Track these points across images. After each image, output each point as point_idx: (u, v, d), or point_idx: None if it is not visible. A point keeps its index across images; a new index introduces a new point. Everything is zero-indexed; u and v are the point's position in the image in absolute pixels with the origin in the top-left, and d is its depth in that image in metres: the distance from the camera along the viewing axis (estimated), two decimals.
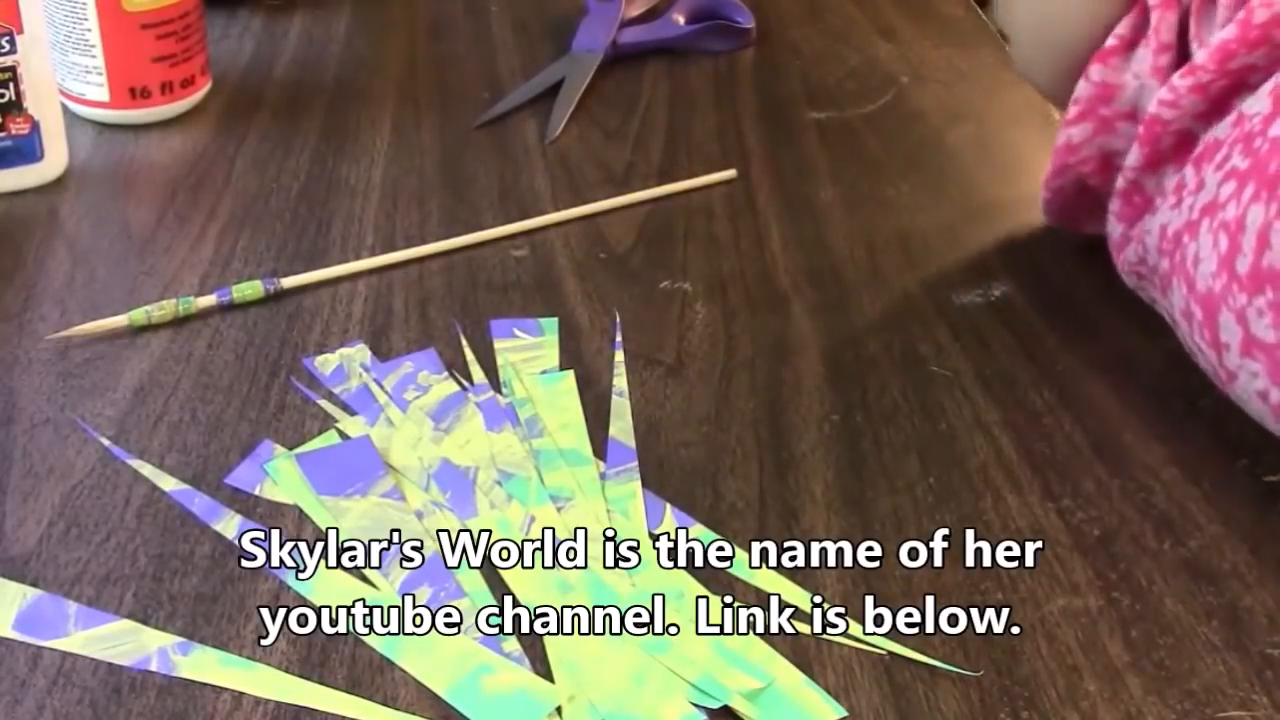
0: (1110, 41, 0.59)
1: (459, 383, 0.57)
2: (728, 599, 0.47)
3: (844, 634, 0.46)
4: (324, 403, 0.56)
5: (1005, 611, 0.47)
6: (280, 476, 0.52)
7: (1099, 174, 0.61)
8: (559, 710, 0.43)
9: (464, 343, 0.59)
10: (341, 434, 0.54)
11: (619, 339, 0.60)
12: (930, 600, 0.47)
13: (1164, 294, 0.55)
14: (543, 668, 0.45)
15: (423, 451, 0.53)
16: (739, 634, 0.46)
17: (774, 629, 0.46)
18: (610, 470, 0.53)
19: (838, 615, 0.47)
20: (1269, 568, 0.49)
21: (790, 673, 0.45)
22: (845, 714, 0.43)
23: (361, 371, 0.57)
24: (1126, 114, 0.59)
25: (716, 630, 0.46)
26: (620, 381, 0.57)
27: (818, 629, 0.46)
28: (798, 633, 0.46)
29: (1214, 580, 0.49)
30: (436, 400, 0.56)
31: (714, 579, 0.48)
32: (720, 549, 0.49)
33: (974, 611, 0.47)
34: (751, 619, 0.46)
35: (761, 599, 0.47)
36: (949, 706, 0.44)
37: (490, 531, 0.50)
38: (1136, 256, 0.58)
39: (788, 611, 0.47)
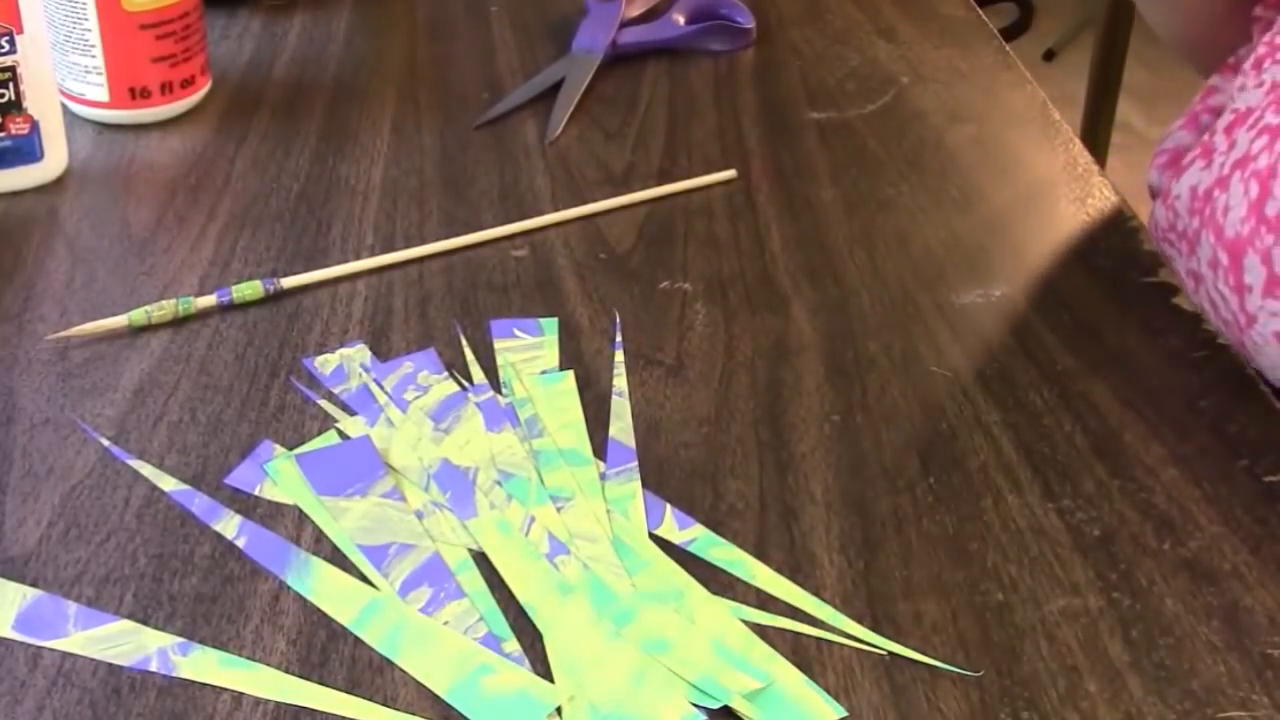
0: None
1: (459, 383, 0.57)
2: (728, 599, 0.47)
3: (844, 634, 0.46)
4: (324, 403, 0.56)
5: (1005, 612, 0.47)
6: (280, 477, 0.52)
7: None
8: (559, 710, 0.43)
9: (464, 343, 0.59)
10: (341, 434, 0.54)
11: (619, 339, 0.60)
12: (930, 600, 0.47)
13: (1190, 253, 0.56)
14: (542, 668, 0.45)
15: (423, 452, 0.53)
16: (739, 634, 0.46)
17: (774, 629, 0.46)
18: (610, 470, 0.53)
19: (838, 615, 0.47)
20: (1269, 568, 0.49)
21: (790, 673, 0.45)
22: (845, 714, 0.43)
23: (361, 372, 0.57)
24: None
25: (716, 630, 0.46)
26: (620, 381, 0.57)
27: (818, 629, 0.46)
28: (798, 633, 0.46)
29: (1214, 580, 0.49)
30: (436, 400, 0.56)
31: (714, 579, 0.48)
32: (721, 549, 0.49)
33: (974, 611, 0.47)
34: (751, 619, 0.46)
35: (762, 599, 0.47)
36: (949, 706, 0.44)
37: (490, 532, 0.50)
38: (1168, 222, 0.59)
39: (788, 612, 0.47)
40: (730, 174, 0.73)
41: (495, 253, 0.66)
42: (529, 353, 0.59)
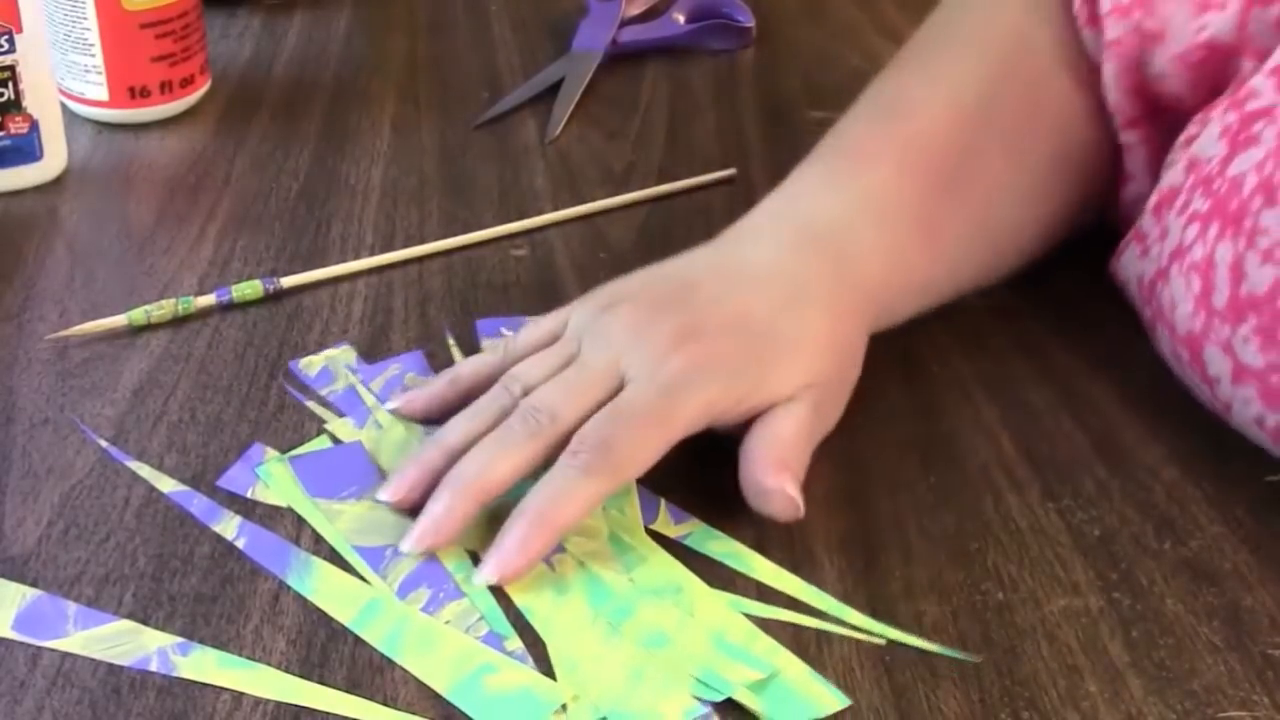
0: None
1: None
2: (727, 593, 0.47)
3: (843, 623, 0.46)
4: (312, 404, 0.55)
5: (1005, 611, 0.47)
6: (273, 480, 0.52)
7: None
8: (563, 708, 0.43)
9: (451, 343, 0.59)
10: (331, 436, 0.54)
11: None
12: (930, 600, 0.47)
13: (1153, 336, 0.56)
14: (546, 666, 0.45)
15: (412, 454, 0.53)
16: (740, 627, 0.46)
17: (774, 621, 0.46)
18: None
19: (837, 604, 0.47)
20: (1269, 568, 0.49)
21: (793, 663, 0.45)
22: (850, 703, 0.43)
23: (348, 373, 0.57)
24: None
25: (717, 624, 0.46)
26: None
27: (817, 620, 0.46)
28: (798, 626, 0.46)
29: (1214, 580, 0.49)
30: None
31: (713, 573, 0.48)
32: (718, 542, 0.49)
33: (974, 611, 0.47)
34: (751, 612, 0.46)
35: (761, 591, 0.47)
36: (949, 706, 0.43)
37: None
38: (1129, 298, 0.58)
39: (787, 603, 0.47)
40: (730, 173, 0.73)
41: (495, 252, 0.66)
42: None
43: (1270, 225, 0.49)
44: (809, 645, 0.45)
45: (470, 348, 0.59)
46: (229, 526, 0.49)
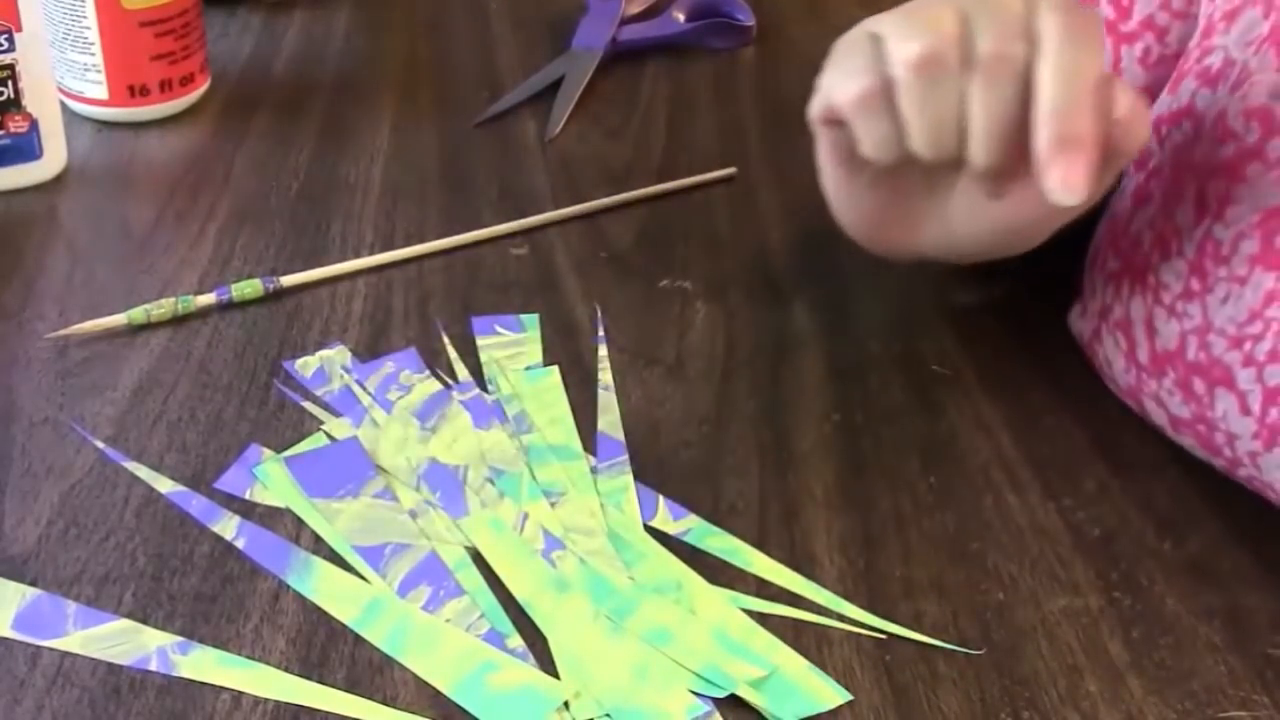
0: None
1: (441, 381, 0.57)
2: (727, 589, 0.47)
3: (842, 617, 0.46)
4: (308, 405, 0.55)
5: (1005, 611, 0.47)
6: (270, 480, 0.52)
7: None
8: (566, 705, 0.43)
9: (446, 340, 0.59)
10: (329, 436, 0.54)
11: (601, 333, 0.60)
12: (930, 600, 0.47)
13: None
14: (547, 663, 0.45)
15: (410, 452, 0.53)
16: (740, 623, 0.46)
17: (774, 617, 0.46)
18: (601, 464, 0.53)
19: (836, 599, 0.47)
20: (1269, 568, 0.49)
21: (794, 659, 0.45)
22: (850, 698, 0.43)
23: (343, 373, 0.57)
24: None
25: (717, 620, 0.46)
26: (605, 375, 0.57)
27: (817, 615, 0.46)
28: (798, 620, 0.46)
29: (1214, 580, 0.49)
30: (420, 399, 0.55)
31: (712, 570, 0.48)
32: (717, 538, 0.49)
33: (974, 611, 0.47)
34: (751, 608, 0.46)
35: (760, 586, 0.47)
36: (949, 706, 0.44)
37: (483, 530, 0.50)
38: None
39: (786, 598, 0.47)
40: (730, 172, 0.73)
41: (495, 251, 0.66)
42: (512, 349, 0.59)
43: (1169, 280, 0.51)
44: (810, 646, 0.45)
45: (466, 346, 0.59)
46: (228, 526, 0.49)
